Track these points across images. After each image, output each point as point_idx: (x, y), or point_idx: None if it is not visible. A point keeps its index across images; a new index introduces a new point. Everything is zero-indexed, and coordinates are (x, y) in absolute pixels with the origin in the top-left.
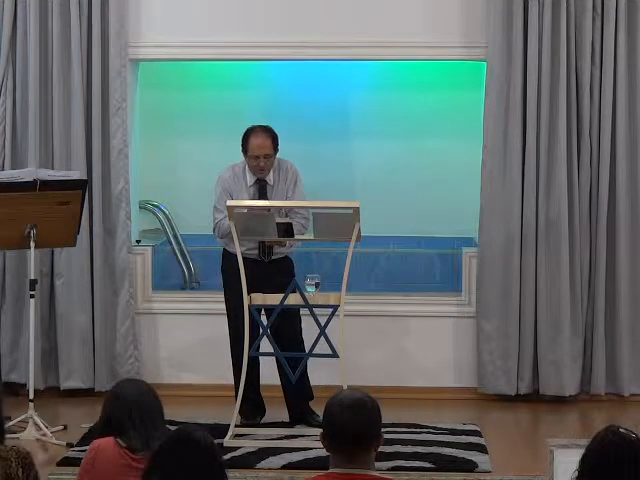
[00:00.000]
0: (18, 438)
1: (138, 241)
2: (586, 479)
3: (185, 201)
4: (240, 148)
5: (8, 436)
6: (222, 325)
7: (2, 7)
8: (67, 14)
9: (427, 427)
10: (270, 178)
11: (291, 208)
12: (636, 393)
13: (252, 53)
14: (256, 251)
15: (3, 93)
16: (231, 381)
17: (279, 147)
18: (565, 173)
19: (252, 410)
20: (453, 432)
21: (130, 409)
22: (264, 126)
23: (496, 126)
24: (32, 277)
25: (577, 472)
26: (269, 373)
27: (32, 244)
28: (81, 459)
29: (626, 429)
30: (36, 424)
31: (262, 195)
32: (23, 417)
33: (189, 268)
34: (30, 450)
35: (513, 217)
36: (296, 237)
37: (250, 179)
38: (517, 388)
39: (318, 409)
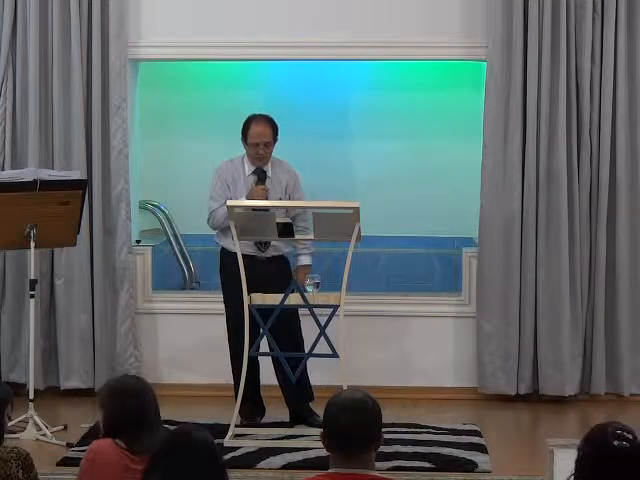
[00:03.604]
0: (18, 438)
1: (138, 241)
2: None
3: (185, 201)
4: (240, 137)
5: (8, 436)
6: (222, 325)
7: (2, 7)
8: (67, 14)
9: (427, 427)
10: (269, 169)
11: (296, 214)
12: (636, 393)
13: (252, 53)
14: (252, 244)
15: (3, 93)
16: (231, 381)
17: (278, 137)
18: (565, 173)
19: (252, 410)
20: (453, 432)
21: (129, 409)
22: (264, 115)
23: (496, 126)
24: (32, 277)
25: (573, 474)
26: (269, 373)
27: (32, 244)
28: (81, 459)
29: (624, 428)
30: (36, 424)
31: (260, 181)
32: (23, 417)
33: (189, 268)
34: (30, 450)
35: (513, 217)
36: (296, 237)
37: (248, 169)
38: (517, 388)
39: (318, 409)
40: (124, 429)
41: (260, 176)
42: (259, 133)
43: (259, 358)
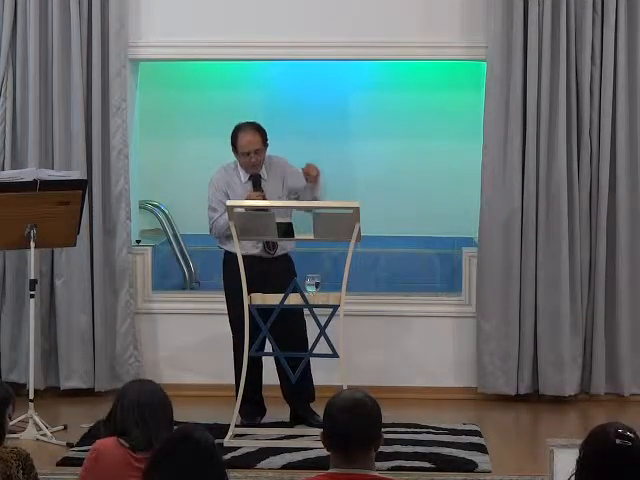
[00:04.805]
0: (18, 438)
1: (138, 241)
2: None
3: (185, 201)
4: (231, 148)
5: (8, 436)
6: (222, 325)
7: (2, 7)
8: (67, 14)
9: (427, 427)
10: (263, 172)
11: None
12: (636, 393)
13: (252, 53)
14: (261, 245)
15: (3, 93)
16: (231, 381)
17: (268, 142)
18: (565, 173)
19: (252, 410)
20: (453, 432)
21: (134, 408)
22: (251, 122)
23: (496, 126)
24: (32, 277)
25: (574, 473)
26: (268, 373)
27: (32, 244)
28: (81, 459)
29: (626, 428)
30: (36, 424)
31: (257, 187)
32: (23, 417)
33: (189, 268)
34: (30, 450)
35: (513, 217)
36: (296, 236)
37: (244, 176)
38: (517, 388)
39: (318, 409)
40: (130, 429)
41: (255, 182)
42: (249, 142)
43: (263, 359)
